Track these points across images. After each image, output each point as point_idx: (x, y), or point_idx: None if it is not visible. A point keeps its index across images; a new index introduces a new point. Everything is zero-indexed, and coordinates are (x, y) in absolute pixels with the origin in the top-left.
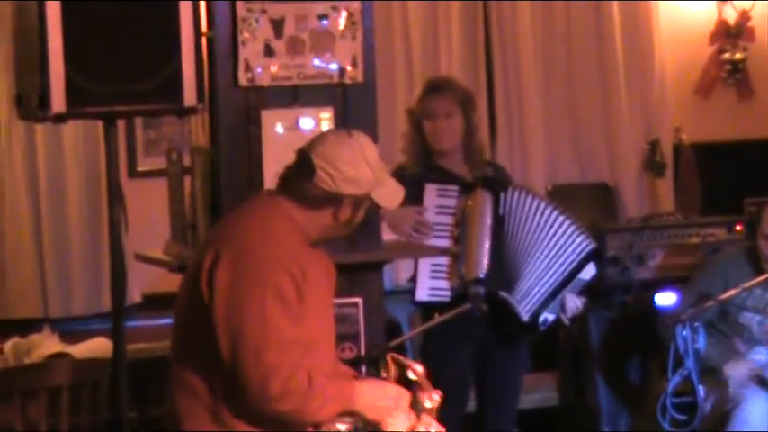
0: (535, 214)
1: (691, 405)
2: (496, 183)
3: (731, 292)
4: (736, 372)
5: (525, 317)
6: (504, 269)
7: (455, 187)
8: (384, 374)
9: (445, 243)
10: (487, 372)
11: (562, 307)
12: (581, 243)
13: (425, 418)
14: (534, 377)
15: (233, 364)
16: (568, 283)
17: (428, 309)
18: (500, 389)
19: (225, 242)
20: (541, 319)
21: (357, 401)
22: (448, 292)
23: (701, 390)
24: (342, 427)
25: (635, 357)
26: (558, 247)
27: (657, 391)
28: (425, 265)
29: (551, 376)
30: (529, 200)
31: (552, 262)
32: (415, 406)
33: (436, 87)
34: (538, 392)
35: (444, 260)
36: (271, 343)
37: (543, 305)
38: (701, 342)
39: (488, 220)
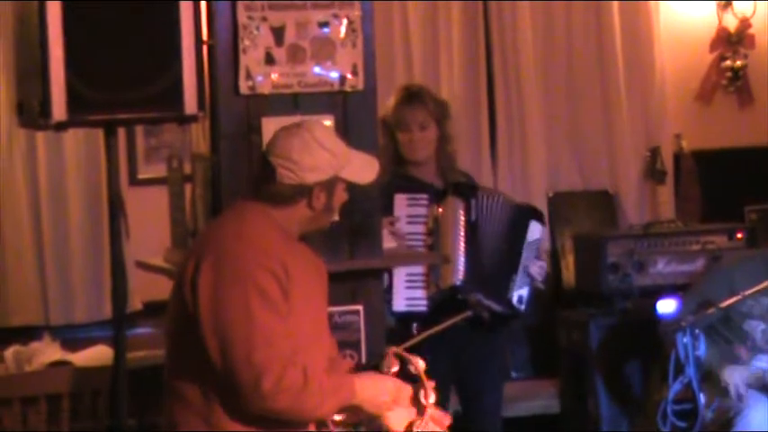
0: (499, 213)
1: (691, 412)
2: (467, 189)
3: (732, 300)
4: (736, 376)
5: (498, 306)
6: (480, 274)
7: (425, 196)
8: (386, 370)
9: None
10: (468, 377)
11: (529, 276)
12: (515, 211)
13: (425, 414)
14: (535, 384)
15: (224, 367)
16: (521, 253)
17: (405, 319)
18: (481, 393)
19: (204, 250)
20: (515, 298)
21: (357, 396)
22: (425, 302)
23: (702, 397)
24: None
25: (635, 364)
26: (509, 231)
27: (658, 398)
28: (401, 275)
29: (552, 383)
30: (496, 203)
31: (511, 247)
32: (416, 402)
33: (410, 99)
34: (538, 399)
35: (420, 269)
36: (259, 342)
37: (508, 286)
38: (702, 349)
39: (461, 227)
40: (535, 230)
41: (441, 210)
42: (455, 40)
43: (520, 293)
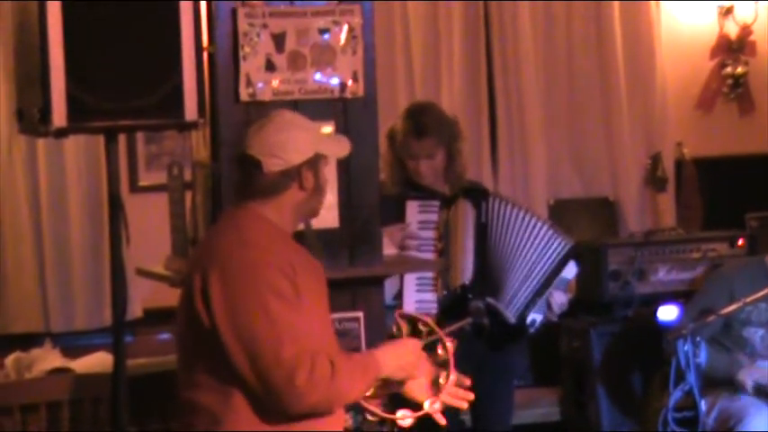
0: (515, 221)
1: (692, 420)
2: (477, 193)
3: (732, 307)
4: (747, 378)
5: (512, 318)
6: (489, 276)
7: (436, 202)
8: (398, 334)
9: (430, 257)
10: (478, 384)
11: (548, 306)
12: (559, 244)
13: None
14: (536, 392)
15: (254, 374)
16: (551, 283)
17: None
18: (492, 401)
19: (208, 262)
20: (529, 320)
21: (382, 368)
22: (435, 304)
23: (703, 404)
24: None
25: (636, 372)
26: (537, 250)
27: (659, 406)
28: (411, 279)
29: (553, 391)
30: (508, 208)
31: (534, 265)
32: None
33: (418, 132)
34: (540, 407)
35: (429, 273)
36: (284, 339)
37: (528, 306)
38: (703, 357)
39: (471, 229)
40: (570, 270)
41: (451, 214)
42: (456, 47)
43: (534, 317)
